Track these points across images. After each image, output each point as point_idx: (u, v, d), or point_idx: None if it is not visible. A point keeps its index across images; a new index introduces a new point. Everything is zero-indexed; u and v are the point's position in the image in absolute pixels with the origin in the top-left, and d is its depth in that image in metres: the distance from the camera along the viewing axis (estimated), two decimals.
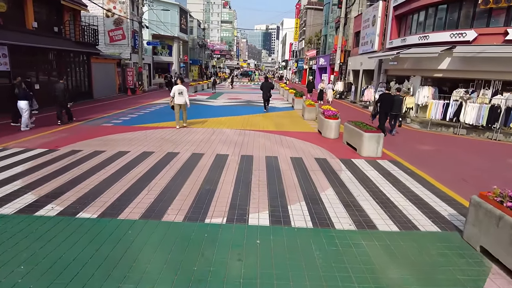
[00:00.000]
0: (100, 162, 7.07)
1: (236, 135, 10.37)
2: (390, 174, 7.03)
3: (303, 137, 10.55)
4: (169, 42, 44.74)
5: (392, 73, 19.18)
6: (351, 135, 9.13)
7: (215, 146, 8.85)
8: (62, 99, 11.57)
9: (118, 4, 27.39)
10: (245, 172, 6.62)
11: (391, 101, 10.92)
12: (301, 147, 9.03)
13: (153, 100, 21.37)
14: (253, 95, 28.11)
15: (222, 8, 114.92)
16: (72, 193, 5.32)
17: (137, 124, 12.04)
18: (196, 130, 11.01)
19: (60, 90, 11.47)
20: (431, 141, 11.36)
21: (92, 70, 21.74)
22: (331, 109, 11.34)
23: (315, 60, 42.27)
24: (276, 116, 15.55)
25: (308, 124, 13.42)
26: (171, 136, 9.96)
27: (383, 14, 20.16)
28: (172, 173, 6.40)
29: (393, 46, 17.77)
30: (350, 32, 28.32)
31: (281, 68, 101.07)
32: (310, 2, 53.58)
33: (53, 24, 18.98)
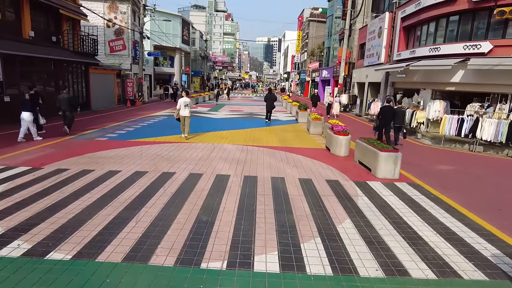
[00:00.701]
0: (86, 184, 6.30)
1: (238, 152, 9.61)
2: (411, 200, 6.23)
3: (310, 154, 9.78)
4: (171, 53, 44.49)
5: (400, 86, 18.52)
6: (364, 153, 8.35)
7: (216, 164, 8.08)
8: (67, 109, 11.63)
9: (119, 14, 27.05)
10: (249, 197, 5.84)
11: (392, 114, 10.86)
12: (310, 166, 8.26)
13: (152, 112, 20.72)
14: (255, 107, 27.49)
15: (224, 20, 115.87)
16: (46, 225, 4.53)
17: (133, 138, 11.31)
18: (196, 146, 10.26)
19: (64, 100, 11.59)
20: (447, 159, 10.57)
21: (90, 80, 21.18)
22: (339, 124, 10.61)
23: (317, 72, 41.84)
24: (280, 130, 14.82)
25: (314, 139, 12.67)
26: (168, 152, 9.20)
27: (390, 25, 19.62)
28: (165, 199, 5.62)
29: (401, 58, 17.14)
30: (355, 44, 27.84)
31: (283, 80, 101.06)
32: (312, 14, 53.61)
33: (51, 34, 18.49)
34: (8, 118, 13.64)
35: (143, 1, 25.85)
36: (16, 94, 14.73)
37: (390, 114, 10.81)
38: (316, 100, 22.11)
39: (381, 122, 10.98)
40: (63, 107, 11.63)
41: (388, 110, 10.88)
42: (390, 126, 11.13)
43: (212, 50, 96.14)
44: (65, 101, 11.64)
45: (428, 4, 14.63)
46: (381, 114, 11.03)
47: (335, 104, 20.43)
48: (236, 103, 32.28)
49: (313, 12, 54.24)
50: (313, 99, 22.41)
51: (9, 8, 15.17)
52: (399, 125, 11.70)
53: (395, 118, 11.13)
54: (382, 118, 10.90)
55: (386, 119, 10.83)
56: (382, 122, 10.93)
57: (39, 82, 16.48)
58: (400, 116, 11.54)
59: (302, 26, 61.44)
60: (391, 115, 10.84)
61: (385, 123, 10.92)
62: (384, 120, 10.86)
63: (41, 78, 16.88)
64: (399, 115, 11.43)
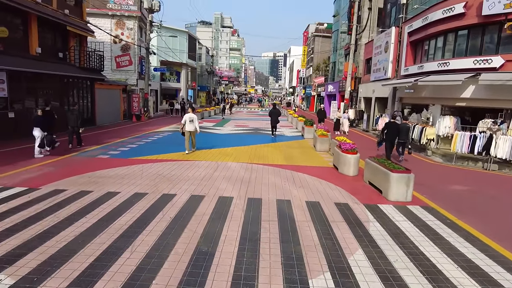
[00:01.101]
0: (82, 207, 6.00)
1: (243, 171, 9.28)
2: (427, 226, 5.81)
3: (317, 173, 9.41)
4: (177, 69, 44.91)
5: (408, 101, 18.19)
6: (375, 174, 7.97)
7: (218, 184, 7.75)
8: (75, 124, 11.92)
9: (126, 31, 27.38)
10: (253, 224, 5.47)
11: (397, 129, 10.95)
12: (317, 187, 7.88)
13: (157, 127, 20.59)
14: (261, 122, 27.29)
15: (230, 36, 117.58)
16: (35, 255, 4.22)
17: (136, 156, 11.07)
18: (199, 164, 9.96)
19: (74, 116, 11.97)
20: (461, 178, 10.12)
21: (96, 96, 21.22)
22: (347, 142, 10.26)
23: (323, 87, 41.76)
24: (285, 146, 14.50)
25: (321, 156, 12.31)
26: (170, 171, 8.91)
27: (397, 40, 19.46)
28: (163, 225, 5.28)
29: (409, 73, 16.88)
30: (361, 58, 27.73)
31: (289, 94, 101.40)
32: (318, 29, 53.99)
33: (58, 50, 18.65)
34: (12, 135, 13.56)
35: (150, 18, 26.14)
36: (21, 110, 14.77)
37: (394, 129, 10.88)
38: (322, 116, 21.26)
39: (386, 137, 11.07)
40: (72, 123, 11.91)
41: (392, 125, 10.98)
42: (394, 142, 11.19)
43: (218, 65, 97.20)
44: (74, 117, 11.99)
45: (435, 19, 14.43)
46: (385, 129, 11.09)
47: (344, 120, 19.84)
48: (241, 117, 32.15)
49: (318, 28, 54.66)
50: (319, 115, 21.70)
51: (17, 25, 15.34)
52: (404, 140, 11.62)
53: (400, 134, 11.13)
54: (387, 134, 10.98)
55: (390, 134, 10.90)
56: (387, 137, 11.02)
57: (44, 98, 16.49)
58: (404, 132, 11.48)
59: (307, 41, 61.88)
60: (396, 131, 10.90)
61: (390, 139, 11.00)
62: (389, 135, 10.93)
63: (47, 94, 16.90)
64: (403, 130, 11.38)
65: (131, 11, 27.24)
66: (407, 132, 11.82)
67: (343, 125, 19.78)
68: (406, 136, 11.70)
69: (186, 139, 11.60)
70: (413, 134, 14.99)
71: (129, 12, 27.22)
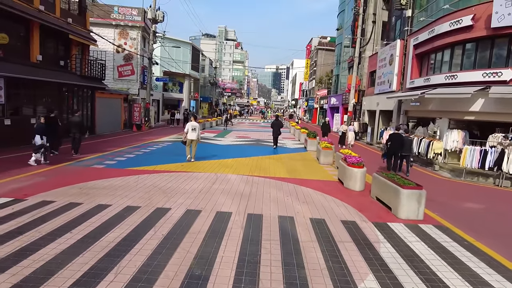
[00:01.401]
0: (68, 221, 5.55)
1: (243, 184, 8.82)
2: (443, 248, 5.31)
3: (321, 187, 8.94)
4: (180, 79, 44.90)
5: (414, 114, 17.80)
6: (383, 190, 7.50)
7: (217, 198, 7.29)
8: (77, 131, 12.05)
9: (129, 40, 27.36)
10: (252, 243, 5.00)
11: (400, 142, 11.02)
12: (322, 203, 7.40)
13: (157, 137, 20.23)
14: (263, 133, 26.92)
15: (234, 48, 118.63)
16: (6, 277, 3.75)
17: (133, 166, 10.64)
18: (197, 176, 9.51)
19: (76, 123, 12.14)
20: (472, 195, 9.62)
21: (96, 105, 20.97)
22: (353, 155, 9.83)
23: (326, 100, 41.55)
24: (288, 158, 14.05)
25: (325, 170, 11.84)
26: (166, 183, 8.46)
27: (401, 53, 19.21)
28: (154, 243, 4.81)
29: (415, 86, 16.53)
30: (364, 71, 27.51)
31: (291, 106, 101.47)
32: (321, 43, 54.20)
33: (59, 58, 18.49)
34: (8, 142, 13.20)
35: (153, 28, 26.14)
36: (19, 117, 14.47)
37: (398, 142, 11.00)
38: (327, 130, 20.34)
39: (390, 149, 11.24)
40: (73, 130, 12.02)
41: (396, 137, 11.09)
42: (398, 154, 11.28)
43: (221, 77, 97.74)
44: (76, 124, 12.14)
45: (442, 31, 14.16)
46: (389, 141, 11.22)
47: (350, 133, 19.31)
48: (243, 129, 31.82)
49: (321, 41, 54.89)
50: (323, 128, 20.59)
51: (18, 32, 15.18)
52: (407, 154, 11.58)
53: (404, 147, 11.17)
54: (391, 146, 11.15)
55: (394, 147, 11.05)
56: (390, 149, 11.20)
57: (43, 106, 16.23)
58: (408, 145, 11.46)
59: (310, 54, 62.09)
60: (400, 143, 10.98)
61: (394, 151, 11.13)
62: (393, 147, 11.08)
63: (46, 102, 16.63)
64: (407, 144, 11.37)
65: (135, 21, 27.29)
66: (410, 145, 11.78)
67: (348, 137, 19.22)
68: (409, 149, 11.66)
69: (187, 146, 11.91)
70: (419, 148, 14.54)
71: (132, 22, 27.27)
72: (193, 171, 10.16)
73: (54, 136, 11.54)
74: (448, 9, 14.20)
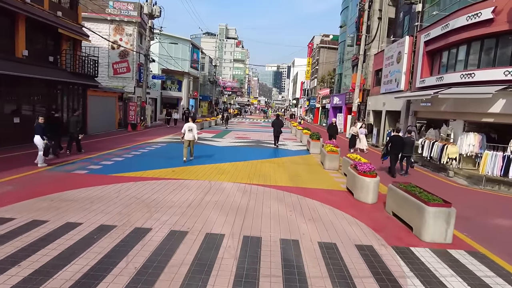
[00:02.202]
0: (21, 247, 4.51)
1: (240, 194, 7.78)
2: (486, 287, 4.26)
3: (329, 199, 7.89)
4: (179, 78, 43.86)
5: (424, 115, 16.73)
6: (401, 205, 6.44)
7: (208, 214, 6.24)
8: (74, 131, 12.11)
9: (125, 36, 26.31)
10: (247, 282, 3.94)
11: (401, 143, 11.06)
12: (331, 220, 6.35)
13: (152, 138, 19.19)
14: (263, 134, 25.88)
15: (235, 47, 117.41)
16: None
17: (118, 172, 9.60)
18: (188, 184, 8.46)
19: (73, 122, 12.20)
20: (498, 207, 8.56)
21: (88, 103, 19.94)
22: (363, 161, 8.78)
23: (328, 99, 40.47)
24: (290, 162, 13.00)
25: (330, 176, 10.78)
26: (152, 194, 7.41)
27: (410, 50, 18.12)
28: (122, 282, 3.77)
29: (426, 85, 15.46)
30: (369, 70, 26.42)
31: (292, 106, 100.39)
32: (323, 41, 53.07)
33: (48, 53, 17.44)
34: None
35: (150, 23, 25.07)
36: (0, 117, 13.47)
37: (399, 143, 11.00)
38: (334, 132, 17.97)
39: (390, 151, 11.19)
40: (72, 129, 12.11)
41: (397, 139, 11.09)
42: (398, 155, 11.31)
43: (222, 76, 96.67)
44: (74, 123, 12.21)
45: (458, 26, 13.08)
46: (390, 143, 11.18)
47: (362, 136, 17.41)
48: (242, 128, 30.77)
49: (323, 39, 53.76)
50: (330, 130, 18.17)
51: (2, 25, 14.13)
52: (408, 154, 11.59)
53: (405, 148, 11.21)
54: (391, 147, 11.11)
55: (394, 148, 11.04)
56: (391, 151, 11.15)
57: (29, 104, 15.23)
58: (409, 146, 11.41)
59: (312, 52, 60.97)
60: (400, 145, 10.97)
61: (394, 152, 11.12)
62: (393, 149, 11.08)
63: (33, 100, 15.60)
64: (408, 144, 11.32)
65: (131, 17, 26.24)
66: (411, 146, 11.62)
67: (361, 141, 17.40)
68: (410, 150, 11.58)
69: (184, 147, 11.74)
70: (431, 152, 13.48)
71: (128, 17, 26.22)
72: (184, 178, 9.12)
73: (58, 136, 11.72)
74: (465, 1, 13.11)
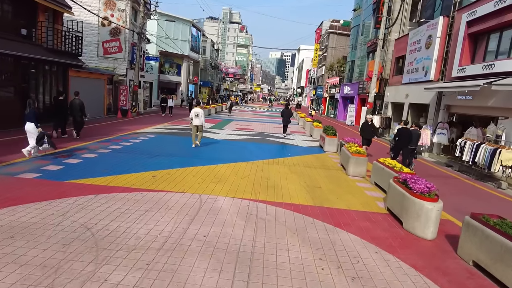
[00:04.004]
0: None
1: (241, 222, 5.37)
2: None
3: (370, 230, 5.49)
4: (178, 61, 41.07)
5: (460, 110, 14.21)
6: (497, 253, 4.03)
7: (189, 269, 3.85)
8: (77, 114, 12.05)
9: (117, 12, 23.51)
10: None
11: (408, 136, 10.65)
12: (386, 280, 3.96)
13: (142, 127, 16.76)
14: (268, 124, 23.41)
15: (238, 32, 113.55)
16: None
17: (81, 176, 7.20)
18: (169, 202, 6.04)
19: (75, 106, 11.99)
20: None
21: (69, 86, 17.41)
22: (406, 171, 6.41)
23: (338, 88, 37.73)
24: (303, 165, 10.57)
25: (359, 187, 8.35)
26: (111, 221, 5.01)
27: (445, 33, 15.46)
28: None
29: (466, 74, 12.90)
30: (388, 57, 23.71)
31: (296, 95, 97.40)
32: (333, 26, 49.90)
33: (20, 25, 14.87)
34: None
35: None
36: None
37: (406, 136, 10.66)
38: (369, 134, 12.52)
39: (398, 144, 10.86)
40: (75, 113, 11.99)
41: (404, 132, 10.76)
42: (407, 148, 10.77)
43: (224, 61, 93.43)
44: (77, 107, 11.98)
45: None
46: (397, 136, 10.85)
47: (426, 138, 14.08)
48: (244, 118, 28.26)
49: (333, 25, 50.54)
50: (365, 132, 12.55)
51: None
52: (414, 147, 11.02)
53: (411, 140, 10.75)
54: (399, 141, 10.76)
55: (402, 141, 10.68)
56: (398, 144, 10.85)
57: None
58: (415, 139, 10.95)
59: (320, 39, 57.77)
60: (407, 137, 10.62)
61: (402, 146, 10.78)
62: (400, 142, 10.73)
63: None
64: (414, 137, 10.87)
65: None
66: (417, 139, 11.21)
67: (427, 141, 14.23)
68: (416, 143, 11.14)
69: (193, 133, 11.96)
70: (476, 156, 11.02)
71: None
72: (165, 190, 6.70)
73: (63, 119, 12.00)
74: None
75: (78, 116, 12.07)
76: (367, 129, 12.66)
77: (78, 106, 12.01)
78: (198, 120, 11.68)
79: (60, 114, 11.95)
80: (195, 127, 11.80)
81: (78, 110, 12.00)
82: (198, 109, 11.89)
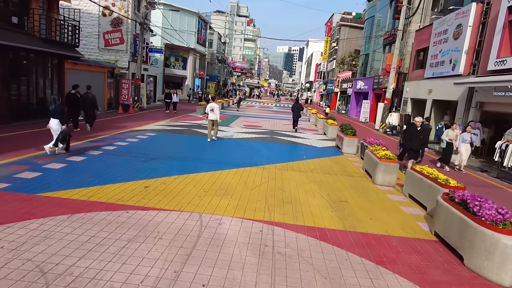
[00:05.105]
0: None
1: (253, 260, 4.04)
2: None
3: (422, 270, 4.14)
4: (184, 54, 39.76)
5: (495, 108, 12.69)
6: None
7: None
8: (89, 108, 12.16)
9: (118, 1, 22.22)
10: None
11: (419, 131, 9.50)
12: None
13: (142, 124, 15.54)
14: (277, 121, 22.04)
15: (246, 25, 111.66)
16: None
17: (58, 187, 5.96)
18: (160, 226, 4.75)
19: (88, 100, 12.05)
20: None
21: (66, 79, 16.25)
22: (455, 185, 5.06)
23: (350, 83, 36.08)
24: (321, 168, 9.22)
25: (392, 201, 6.96)
26: (79, 258, 3.73)
27: (478, 21, 13.87)
28: None
29: (506, 67, 11.37)
30: (408, 50, 22.08)
31: (304, 89, 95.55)
32: (344, 19, 48.02)
33: (11, 13, 13.69)
34: None
35: None
36: None
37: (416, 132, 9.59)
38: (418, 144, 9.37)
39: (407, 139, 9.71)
40: (87, 107, 12.12)
41: (415, 127, 9.58)
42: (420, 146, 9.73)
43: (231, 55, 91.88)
44: (89, 100, 12.07)
45: None
46: (407, 131, 9.97)
47: (463, 145, 10.85)
48: (252, 114, 26.92)
49: (345, 17, 48.65)
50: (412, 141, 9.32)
51: None
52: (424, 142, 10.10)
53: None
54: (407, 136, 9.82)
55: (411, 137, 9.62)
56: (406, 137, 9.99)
57: None
58: (426, 134, 10.22)
59: (330, 32, 55.87)
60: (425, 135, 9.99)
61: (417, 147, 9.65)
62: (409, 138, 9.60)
63: None
64: (425, 133, 10.10)
65: None
66: (428, 134, 10.69)
67: (462, 154, 10.93)
68: (426, 138, 10.44)
69: (208, 128, 12.14)
70: None
71: None
72: (157, 208, 5.41)
73: (76, 113, 12.00)
74: None
75: (90, 110, 12.18)
76: (416, 136, 9.25)
77: (91, 100, 12.07)
78: (213, 115, 11.80)
79: (72, 108, 11.78)
80: (210, 121, 11.94)
81: (90, 103, 12.09)
82: (214, 104, 12.07)
